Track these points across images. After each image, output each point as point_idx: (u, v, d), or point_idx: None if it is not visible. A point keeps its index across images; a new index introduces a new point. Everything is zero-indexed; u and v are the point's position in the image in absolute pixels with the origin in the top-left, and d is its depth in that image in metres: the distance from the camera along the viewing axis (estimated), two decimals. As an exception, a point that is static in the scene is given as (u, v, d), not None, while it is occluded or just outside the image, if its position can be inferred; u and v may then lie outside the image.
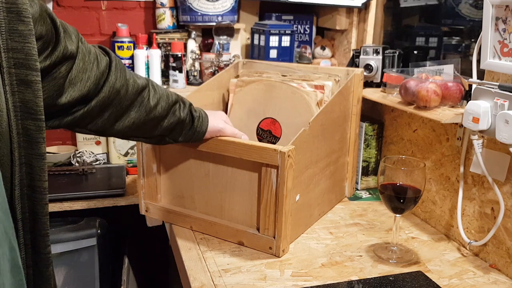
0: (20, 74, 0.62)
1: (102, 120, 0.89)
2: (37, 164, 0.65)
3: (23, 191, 0.64)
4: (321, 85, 1.28)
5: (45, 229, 0.67)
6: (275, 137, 1.29)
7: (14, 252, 0.57)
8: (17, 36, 0.61)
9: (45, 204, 0.66)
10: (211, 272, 1.01)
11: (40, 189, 0.65)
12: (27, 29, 0.62)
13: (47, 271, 0.69)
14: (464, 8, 1.38)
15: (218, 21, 1.82)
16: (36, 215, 0.66)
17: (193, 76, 1.84)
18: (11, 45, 0.61)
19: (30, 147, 0.64)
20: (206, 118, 1.07)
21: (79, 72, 0.79)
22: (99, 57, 0.85)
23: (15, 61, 0.61)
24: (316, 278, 1.01)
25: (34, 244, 0.67)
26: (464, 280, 1.02)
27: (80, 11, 1.84)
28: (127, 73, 0.91)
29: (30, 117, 0.63)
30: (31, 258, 0.67)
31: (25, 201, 0.64)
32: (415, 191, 1.06)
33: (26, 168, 0.64)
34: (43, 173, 0.65)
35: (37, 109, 0.63)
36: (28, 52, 0.62)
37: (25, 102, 0.62)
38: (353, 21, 1.79)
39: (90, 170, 1.71)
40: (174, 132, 1.03)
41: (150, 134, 1.00)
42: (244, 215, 1.12)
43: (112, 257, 1.70)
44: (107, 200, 1.53)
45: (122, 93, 0.89)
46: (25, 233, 0.65)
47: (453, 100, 1.17)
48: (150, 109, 0.95)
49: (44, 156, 0.65)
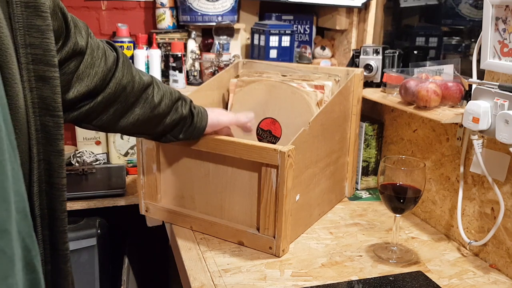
0: (38, 70, 0.61)
1: (107, 116, 0.89)
2: (56, 161, 0.64)
3: (42, 187, 0.64)
4: (321, 85, 1.28)
5: (63, 226, 0.67)
6: (275, 137, 1.29)
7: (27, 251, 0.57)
8: (35, 31, 0.61)
9: (63, 200, 0.66)
10: (211, 272, 1.01)
11: (58, 185, 0.65)
12: (44, 24, 0.61)
13: (65, 267, 0.69)
14: (464, 8, 1.38)
15: (218, 21, 1.82)
16: (54, 212, 0.65)
17: (193, 76, 1.84)
18: (29, 41, 0.60)
19: (49, 144, 0.63)
20: (205, 113, 1.07)
21: (87, 68, 0.79)
22: (107, 52, 0.85)
23: (33, 57, 0.61)
24: (316, 278, 1.01)
25: (52, 240, 0.66)
26: (464, 280, 1.02)
27: (80, 11, 1.84)
28: (133, 69, 0.91)
29: (48, 114, 0.62)
30: (49, 255, 0.66)
31: (43, 198, 0.64)
32: (415, 191, 1.06)
33: (44, 165, 0.63)
34: (62, 169, 0.65)
35: (56, 105, 0.63)
36: (46, 48, 0.62)
37: (43, 99, 0.62)
38: (353, 21, 1.79)
39: (90, 170, 1.71)
40: (176, 129, 1.03)
41: (152, 130, 1.01)
42: (244, 215, 1.12)
43: (112, 257, 1.70)
44: (107, 200, 1.53)
45: (128, 90, 0.89)
46: (43, 230, 0.65)
47: (453, 100, 1.17)
48: (155, 106, 0.96)
49: (63, 153, 0.65)
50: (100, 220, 1.60)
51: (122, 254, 1.68)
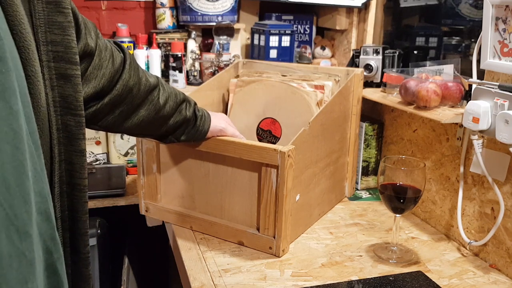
0: (59, 68, 0.60)
1: (113, 117, 0.88)
2: (77, 161, 0.62)
3: (63, 188, 0.62)
4: (321, 85, 1.28)
5: (85, 228, 0.65)
6: (275, 137, 1.29)
7: (48, 254, 0.55)
8: (56, 28, 0.59)
9: (85, 202, 0.64)
10: (211, 272, 1.01)
11: (80, 186, 0.63)
12: (66, 21, 0.60)
13: (86, 271, 0.67)
14: (464, 8, 1.38)
15: (218, 21, 1.82)
16: (75, 213, 0.64)
17: (193, 76, 1.84)
18: (51, 38, 0.59)
19: (70, 144, 0.62)
20: (208, 117, 1.07)
21: (95, 69, 0.78)
22: (115, 54, 0.84)
23: (55, 55, 0.59)
24: (316, 278, 1.01)
25: (73, 243, 0.64)
26: (464, 280, 1.02)
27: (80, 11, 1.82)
28: (140, 71, 0.91)
29: (70, 113, 0.61)
30: (69, 257, 0.65)
31: (64, 199, 0.62)
32: (415, 191, 1.06)
33: (65, 165, 0.62)
34: (83, 170, 0.63)
35: (77, 104, 0.62)
36: (67, 45, 0.60)
37: (65, 97, 0.60)
38: (353, 21, 1.79)
39: (90, 170, 1.71)
40: (178, 131, 1.03)
41: (156, 132, 1.01)
42: (244, 215, 1.12)
43: (112, 257, 1.69)
44: (107, 200, 1.53)
45: (135, 91, 0.89)
46: (64, 232, 0.63)
47: (453, 100, 1.17)
48: (160, 108, 0.95)
49: (84, 153, 0.63)
50: (100, 220, 1.59)
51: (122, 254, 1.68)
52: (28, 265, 0.49)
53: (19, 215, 0.48)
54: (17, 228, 0.48)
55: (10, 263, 0.47)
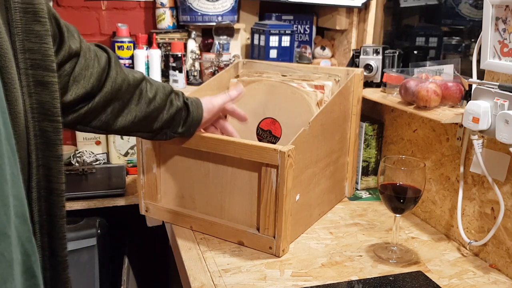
0: (37, 75, 0.61)
1: (105, 116, 0.90)
2: (55, 166, 0.64)
3: (40, 193, 0.63)
4: (321, 85, 1.28)
5: (62, 232, 0.66)
6: (275, 137, 1.29)
7: (26, 257, 0.56)
8: (34, 36, 0.61)
9: (62, 206, 0.66)
10: (211, 272, 1.01)
11: (57, 191, 0.65)
12: (43, 29, 0.62)
13: (64, 274, 0.68)
14: (464, 8, 1.38)
15: (218, 21, 1.82)
16: (53, 217, 0.65)
17: (193, 76, 1.84)
18: (28, 46, 0.60)
19: (48, 149, 0.63)
20: (198, 101, 1.08)
21: (82, 70, 0.80)
22: (98, 53, 0.87)
23: (32, 62, 0.61)
24: (316, 278, 1.01)
25: (51, 247, 0.66)
26: (464, 280, 1.02)
27: (80, 11, 1.84)
28: (124, 68, 0.93)
29: (47, 119, 0.62)
30: (48, 261, 0.66)
31: (42, 204, 0.64)
32: (415, 191, 1.06)
33: (43, 170, 0.63)
34: (61, 175, 0.65)
35: (54, 110, 0.63)
36: (44, 53, 0.62)
37: (42, 104, 0.62)
38: (353, 21, 1.79)
39: (90, 170, 1.71)
40: (174, 123, 1.04)
41: (151, 127, 1.01)
42: (244, 215, 1.12)
43: (112, 257, 1.70)
44: (107, 200, 1.53)
45: (124, 87, 0.90)
46: (42, 236, 0.64)
47: (453, 100, 1.17)
48: (149, 100, 0.96)
49: (61, 158, 0.64)
50: (100, 220, 1.60)
51: (122, 254, 1.68)
52: (7, 266, 0.50)
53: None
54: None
55: None
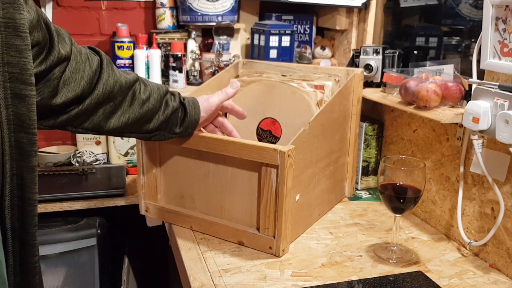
0: (14, 88, 0.63)
1: (97, 117, 0.90)
2: (28, 176, 0.65)
3: (13, 201, 0.65)
4: (321, 85, 1.28)
5: (33, 240, 0.68)
6: (275, 137, 1.29)
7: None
8: (13, 50, 0.62)
9: (34, 215, 0.68)
10: (211, 272, 1.01)
11: (30, 200, 0.66)
12: (23, 44, 0.63)
13: (34, 280, 0.70)
14: (464, 8, 1.38)
15: (218, 21, 1.82)
16: (25, 225, 0.67)
17: (193, 76, 1.84)
18: (7, 59, 0.62)
19: (22, 160, 0.65)
20: (195, 100, 1.08)
21: (72, 73, 0.81)
22: (90, 56, 0.87)
23: (10, 75, 0.62)
24: (316, 278, 1.01)
25: (22, 253, 0.68)
26: (464, 280, 1.02)
27: (80, 11, 1.84)
28: (116, 70, 0.93)
29: (23, 130, 0.64)
30: (18, 267, 0.68)
31: (15, 211, 0.65)
32: (415, 191, 1.06)
33: (17, 180, 0.65)
34: (34, 185, 0.66)
35: (30, 123, 0.64)
36: (23, 67, 0.63)
37: (19, 116, 0.63)
38: (353, 21, 1.79)
39: (90, 170, 1.71)
40: (171, 124, 1.03)
41: (147, 128, 1.00)
42: (244, 215, 1.12)
43: (112, 257, 1.70)
44: (107, 200, 1.53)
45: (116, 90, 0.90)
46: (14, 242, 0.66)
47: (453, 100, 1.17)
48: (143, 101, 0.96)
49: (35, 169, 0.66)
50: (100, 220, 1.60)
51: (122, 254, 1.68)
52: None
53: None
54: None
55: None
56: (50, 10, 1.79)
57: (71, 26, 1.81)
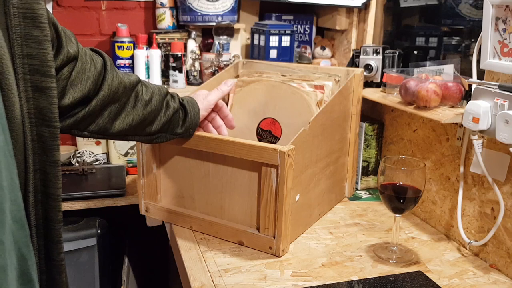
0: (35, 81, 0.61)
1: (102, 120, 0.90)
2: (51, 171, 0.64)
3: (37, 197, 0.64)
4: (321, 85, 1.28)
5: (58, 236, 0.67)
6: (275, 137, 1.29)
7: (23, 261, 0.57)
8: (32, 42, 0.61)
9: (58, 211, 0.66)
10: (211, 272, 1.01)
11: (54, 196, 0.65)
12: (42, 35, 0.62)
13: (60, 278, 0.69)
14: (464, 8, 1.38)
15: (218, 21, 1.82)
16: (49, 222, 0.65)
17: (193, 76, 1.84)
18: (26, 51, 0.61)
19: (45, 154, 0.63)
20: (194, 100, 1.08)
21: (79, 73, 0.80)
22: (94, 57, 0.87)
23: (30, 67, 0.61)
24: (316, 278, 1.01)
25: (47, 250, 0.66)
26: (464, 280, 1.02)
27: (80, 11, 1.84)
28: (119, 72, 0.93)
29: (44, 124, 0.63)
30: (44, 264, 0.66)
31: (39, 208, 0.64)
32: (415, 191, 1.06)
33: (40, 175, 0.64)
34: (57, 180, 0.65)
35: (52, 116, 0.63)
36: (43, 58, 0.62)
37: (40, 109, 0.62)
38: (353, 21, 1.79)
39: (90, 170, 1.71)
40: (172, 125, 1.04)
41: (149, 131, 1.01)
42: (244, 215, 1.12)
43: (112, 257, 1.70)
44: (107, 200, 1.53)
45: (120, 91, 0.90)
46: (39, 240, 0.65)
47: (453, 100, 1.17)
48: (146, 102, 0.96)
49: (58, 163, 0.65)
50: (100, 220, 1.60)
51: (122, 254, 1.68)
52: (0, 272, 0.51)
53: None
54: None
55: None
56: (50, 10, 1.79)
57: (71, 26, 1.81)
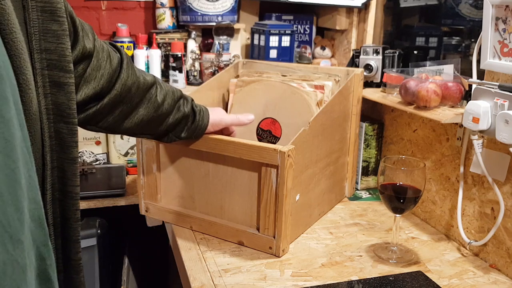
0: (53, 76, 0.60)
1: (113, 117, 0.89)
2: (69, 169, 0.63)
3: (55, 195, 0.63)
4: (321, 85, 1.28)
5: (76, 235, 0.66)
6: (275, 137, 1.29)
7: (42, 261, 0.56)
8: (51, 36, 0.60)
9: (76, 209, 0.65)
10: (211, 272, 1.01)
11: (71, 194, 0.64)
12: (61, 29, 0.61)
13: (78, 277, 0.68)
14: (464, 8, 1.38)
15: (218, 21, 1.82)
16: (67, 220, 0.64)
17: (193, 76, 1.84)
18: (45, 46, 0.59)
19: (62, 151, 0.62)
20: (206, 112, 1.08)
21: (93, 70, 0.79)
22: (111, 54, 0.85)
23: (48, 62, 0.60)
24: (316, 278, 1.01)
25: (64, 250, 0.65)
26: (464, 280, 1.02)
27: (80, 11, 1.84)
28: (136, 70, 0.92)
29: (62, 120, 0.61)
30: (62, 264, 0.65)
31: (56, 206, 0.63)
32: (415, 191, 1.06)
33: (58, 173, 0.62)
34: (75, 178, 0.64)
35: (70, 112, 0.62)
36: (61, 53, 0.61)
37: (58, 105, 0.61)
38: (353, 21, 1.79)
39: (90, 170, 1.71)
40: (178, 128, 1.04)
41: (156, 130, 1.01)
42: (244, 215, 1.12)
43: (112, 257, 1.70)
44: (107, 200, 1.52)
45: (133, 91, 0.90)
46: (56, 239, 0.64)
47: (453, 100, 1.17)
48: (158, 105, 0.96)
49: (77, 161, 0.64)
50: (100, 220, 1.60)
51: (122, 254, 1.68)
52: (20, 272, 0.50)
53: (11, 222, 0.48)
54: (11, 235, 0.48)
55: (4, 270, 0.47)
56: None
57: (71, 26, 1.80)
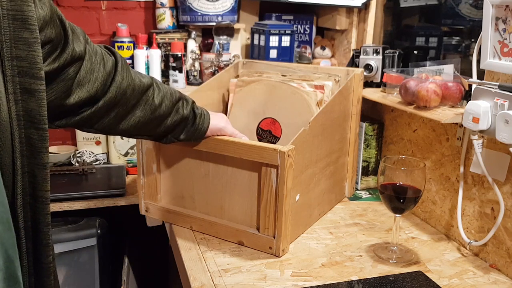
0: (24, 83, 0.61)
1: (108, 120, 0.89)
2: (40, 174, 0.64)
3: (26, 200, 0.63)
4: (321, 85, 1.28)
5: (46, 239, 0.67)
6: (275, 137, 1.29)
7: (9, 263, 0.57)
8: (22, 44, 0.60)
9: (47, 214, 0.66)
10: (211, 272, 1.01)
11: (42, 198, 0.65)
12: (32, 37, 0.61)
13: (49, 281, 0.69)
14: (464, 8, 1.38)
15: (218, 21, 1.82)
16: (37, 224, 0.65)
17: (193, 76, 1.84)
18: (16, 53, 0.60)
19: (33, 157, 0.63)
20: (208, 116, 1.07)
21: (87, 73, 0.80)
22: (105, 57, 0.85)
23: (19, 69, 0.60)
24: (316, 278, 1.01)
25: (35, 253, 0.66)
26: (464, 280, 1.02)
27: (80, 11, 1.84)
28: (132, 72, 0.92)
29: (33, 126, 0.62)
30: (32, 267, 0.66)
31: (27, 210, 0.64)
32: (415, 191, 1.06)
33: (28, 177, 0.63)
34: (46, 183, 0.65)
35: (41, 118, 0.63)
36: (32, 61, 0.61)
37: (29, 111, 0.62)
38: (353, 21, 1.79)
39: (90, 170, 1.71)
40: (177, 130, 1.03)
41: (153, 132, 1.01)
42: (244, 215, 1.12)
43: (112, 257, 1.70)
44: (107, 200, 1.53)
45: (129, 93, 0.90)
46: (27, 242, 0.64)
47: (453, 100, 1.17)
48: (155, 107, 0.96)
49: (47, 166, 0.64)
50: (100, 220, 1.60)
51: (122, 254, 1.68)
52: None
53: None
54: None
55: None
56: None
57: (71, 26, 1.80)
